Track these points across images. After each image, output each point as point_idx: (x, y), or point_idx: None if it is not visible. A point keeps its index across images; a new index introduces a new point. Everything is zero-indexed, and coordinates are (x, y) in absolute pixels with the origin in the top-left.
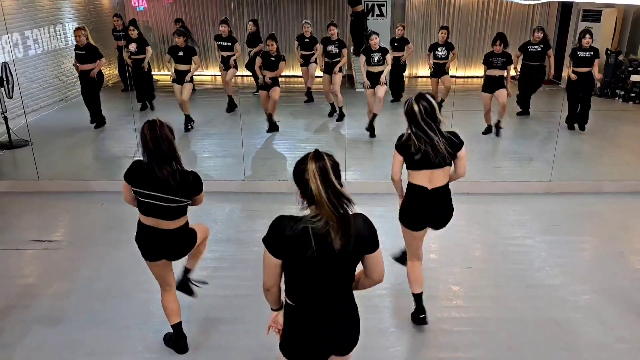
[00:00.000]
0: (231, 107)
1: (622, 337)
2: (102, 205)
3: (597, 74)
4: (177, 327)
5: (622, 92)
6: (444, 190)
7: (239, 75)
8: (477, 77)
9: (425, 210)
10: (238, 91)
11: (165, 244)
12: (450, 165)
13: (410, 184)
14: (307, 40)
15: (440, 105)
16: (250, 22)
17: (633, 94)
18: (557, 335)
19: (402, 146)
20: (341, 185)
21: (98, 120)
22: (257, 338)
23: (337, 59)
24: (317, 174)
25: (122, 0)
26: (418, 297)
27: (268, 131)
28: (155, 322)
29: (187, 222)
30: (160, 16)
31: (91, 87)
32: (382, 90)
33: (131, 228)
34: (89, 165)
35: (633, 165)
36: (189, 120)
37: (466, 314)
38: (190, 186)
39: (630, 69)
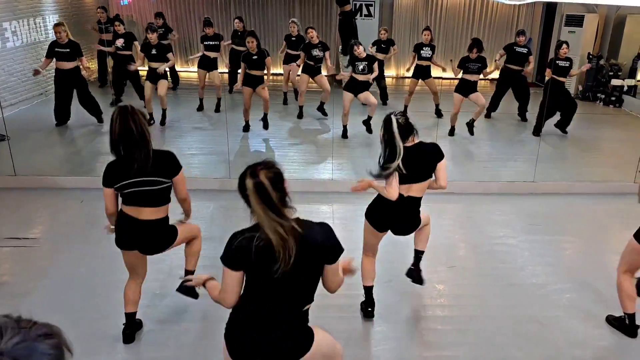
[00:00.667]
0: (217, 107)
1: (603, 335)
2: (81, 201)
3: (572, 73)
4: (130, 316)
5: (603, 96)
6: (416, 202)
7: (222, 72)
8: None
9: (393, 213)
10: (225, 89)
11: (142, 234)
12: (430, 177)
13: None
14: (294, 39)
15: (439, 111)
16: (237, 20)
17: (613, 98)
18: (539, 333)
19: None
20: (285, 198)
21: (98, 113)
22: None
23: (320, 63)
24: (256, 193)
25: None
26: (369, 290)
27: (244, 130)
28: None
29: (167, 217)
30: (145, 10)
31: (81, 86)
32: (370, 97)
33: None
34: (68, 160)
35: (613, 167)
36: (152, 118)
37: (450, 312)
38: (166, 163)
39: (610, 73)
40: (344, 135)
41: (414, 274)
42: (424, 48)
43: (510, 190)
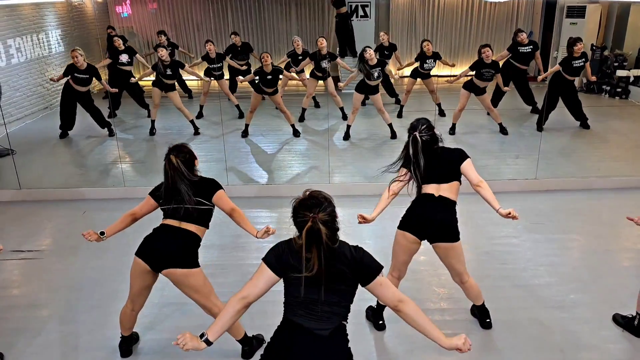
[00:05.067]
0: (241, 114)
1: (608, 337)
2: (84, 213)
3: (591, 77)
4: (127, 337)
5: (609, 88)
6: (450, 202)
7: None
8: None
9: (428, 214)
10: (219, 95)
11: (171, 242)
12: (459, 180)
13: (418, 193)
14: (300, 57)
15: (441, 110)
16: (233, 35)
17: (619, 89)
18: (543, 335)
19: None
20: (335, 236)
21: (106, 124)
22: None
23: (328, 73)
24: (312, 237)
25: (107, 7)
26: (381, 307)
27: (243, 135)
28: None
29: (199, 238)
30: (145, 22)
31: (85, 101)
32: (379, 101)
33: (112, 236)
34: (72, 173)
35: (620, 161)
36: (196, 127)
37: (450, 316)
38: (206, 188)
39: (615, 64)
40: (346, 136)
41: (488, 322)
42: (427, 61)
43: (511, 188)
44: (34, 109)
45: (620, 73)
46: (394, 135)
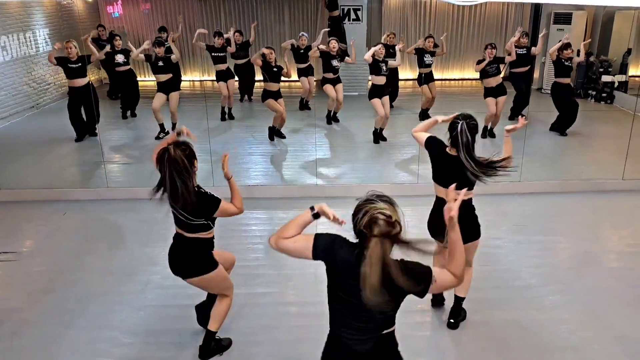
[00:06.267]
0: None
1: (587, 338)
2: (64, 214)
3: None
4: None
5: (594, 93)
6: (467, 205)
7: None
8: (454, 79)
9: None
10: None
11: (179, 252)
12: (474, 184)
13: (436, 196)
14: (302, 51)
15: (427, 115)
16: (237, 33)
17: (604, 94)
18: (522, 337)
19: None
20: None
21: (88, 132)
22: (239, 351)
23: (338, 73)
24: (377, 260)
25: (97, 7)
26: (457, 300)
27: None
28: (107, 338)
29: (208, 240)
30: (136, 22)
31: (90, 102)
32: (387, 105)
33: (93, 237)
34: (54, 173)
35: (604, 164)
36: (163, 129)
37: (431, 318)
38: (202, 208)
39: (601, 69)
40: (376, 140)
41: (453, 323)
42: (426, 55)
43: (495, 191)
44: (19, 109)
45: (605, 78)
46: (376, 140)
